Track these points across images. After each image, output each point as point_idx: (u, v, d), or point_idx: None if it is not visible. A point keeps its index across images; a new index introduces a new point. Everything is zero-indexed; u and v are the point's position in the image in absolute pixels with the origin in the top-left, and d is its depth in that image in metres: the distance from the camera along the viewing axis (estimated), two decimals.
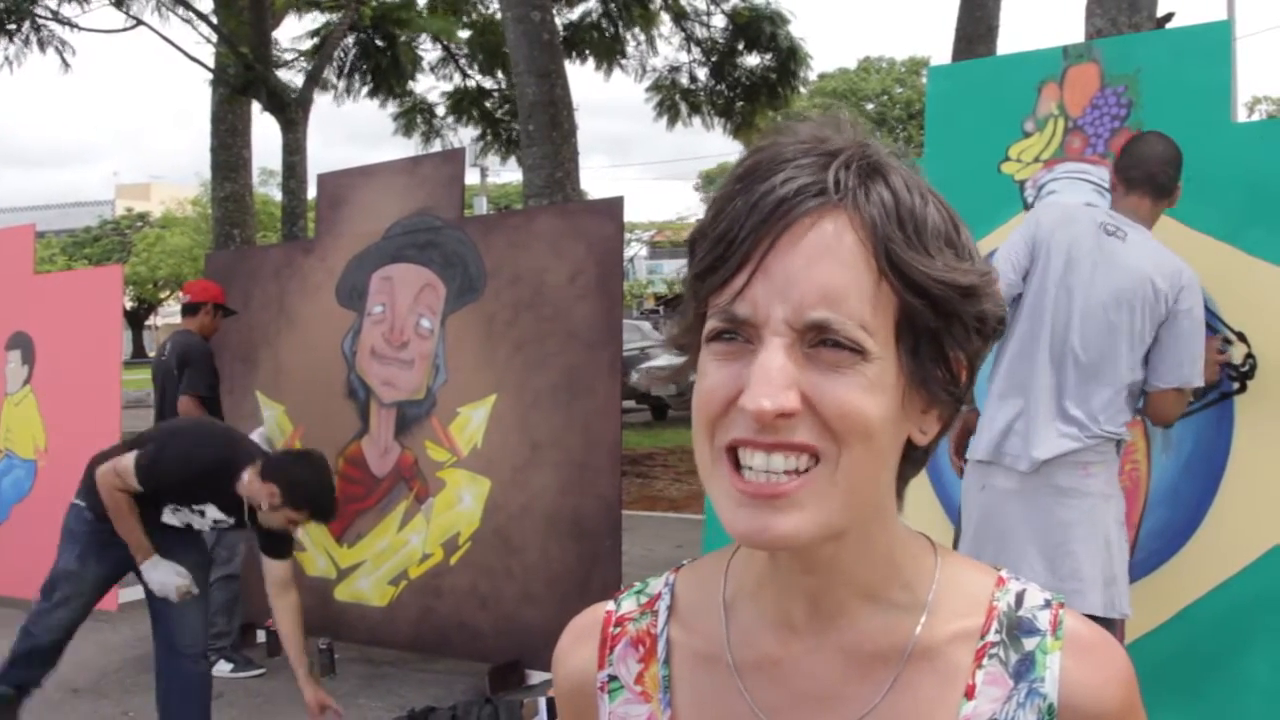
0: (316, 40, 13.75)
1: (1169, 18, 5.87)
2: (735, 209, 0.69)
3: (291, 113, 11.70)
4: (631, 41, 14.00)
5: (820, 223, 0.68)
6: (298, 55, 14.00)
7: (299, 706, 3.65)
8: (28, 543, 5.84)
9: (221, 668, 4.90)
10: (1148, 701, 0.78)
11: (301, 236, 10.83)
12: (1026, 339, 2.97)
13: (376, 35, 14.09)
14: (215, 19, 11.62)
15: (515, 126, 12.45)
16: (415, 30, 14.29)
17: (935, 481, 3.79)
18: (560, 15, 12.71)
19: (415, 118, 15.33)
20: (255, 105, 11.84)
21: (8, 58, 11.77)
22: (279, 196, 15.39)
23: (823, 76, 37.14)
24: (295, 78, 13.29)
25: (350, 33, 13.67)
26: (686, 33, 14.00)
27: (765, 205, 0.68)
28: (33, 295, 6.49)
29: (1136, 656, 1.08)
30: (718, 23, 13.90)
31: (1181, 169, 3.05)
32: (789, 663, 0.77)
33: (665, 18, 13.94)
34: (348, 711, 3.92)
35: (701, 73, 14.19)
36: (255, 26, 11.71)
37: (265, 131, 47.04)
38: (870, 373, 0.67)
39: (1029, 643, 0.75)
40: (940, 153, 3.95)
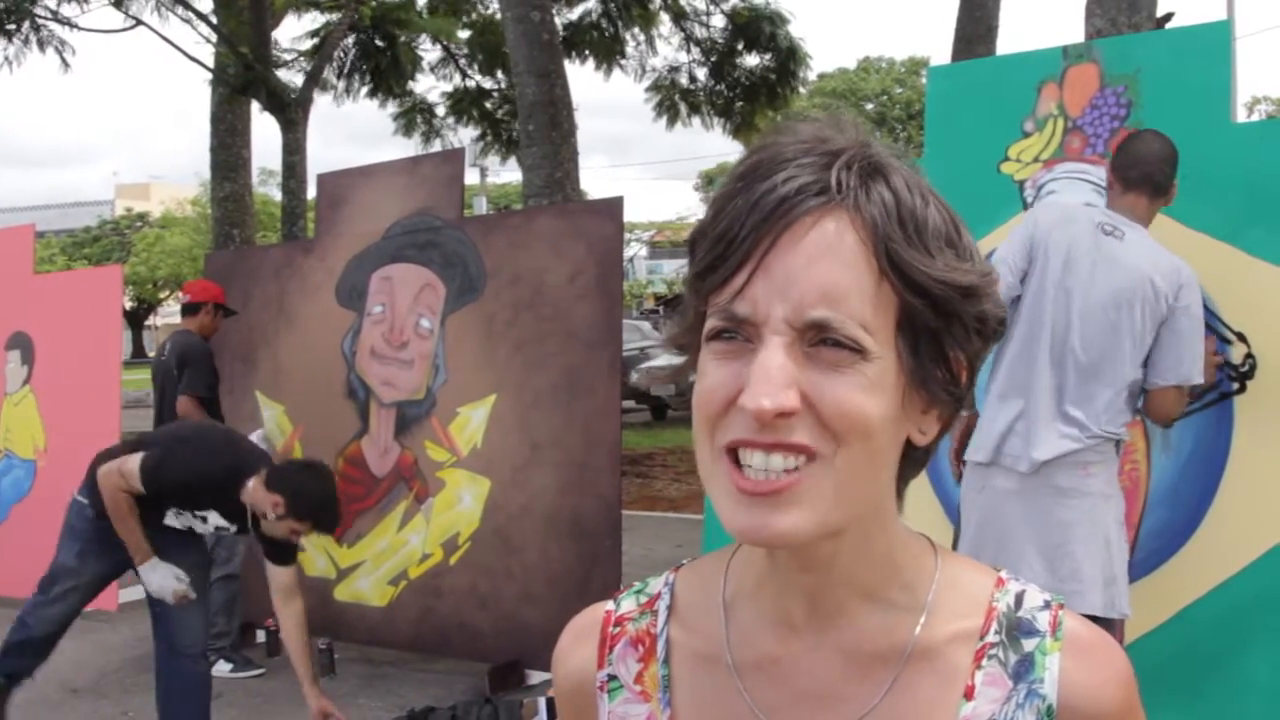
0: (316, 40, 13.74)
1: (1169, 18, 5.87)
2: (736, 208, 0.69)
3: (291, 113, 11.70)
4: (631, 41, 14.00)
5: (821, 222, 0.68)
6: (297, 55, 14.01)
7: (299, 706, 3.65)
8: (27, 542, 5.84)
9: (221, 668, 4.90)
10: (1147, 702, 0.78)
11: (301, 236, 10.83)
12: (1026, 340, 2.97)
13: (376, 35, 14.08)
14: (215, 19, 11.62)
15: (515, 126, 12.44)
16: (415, 30, 14.29)
17: (935, 482, 3.79)
18: (560, 15, 12.71)
19: (415, 118, 15.34)
20: (255, 105, 11.83)
21: (7, 58, 11.78)
22: (279, 196, 15.39)
23: (822, 76, 37.16)
24: (295, 78, 13.30)
25: (350, 33, 13.67)
26: (686, 33, 14.00)
27: (766, 204, 0.68)
28: (32, 295, 6.49)
29: (1136, 656, 1.08)
30: (717, 23, 13.91)
31: (1178, 167, 3.05)
32: (788, 662, 0.77)
33: (665, 18, 13.94)
34: (348, 711, 3.91)
35: (701, 73, 14.20)
36: (255, 26, 11.71)
37: (265, 131, 47.01)
38: (870, 372, 0.67)
39: (1028, 644, 0.75)
40: (940, 153, 3.95)
